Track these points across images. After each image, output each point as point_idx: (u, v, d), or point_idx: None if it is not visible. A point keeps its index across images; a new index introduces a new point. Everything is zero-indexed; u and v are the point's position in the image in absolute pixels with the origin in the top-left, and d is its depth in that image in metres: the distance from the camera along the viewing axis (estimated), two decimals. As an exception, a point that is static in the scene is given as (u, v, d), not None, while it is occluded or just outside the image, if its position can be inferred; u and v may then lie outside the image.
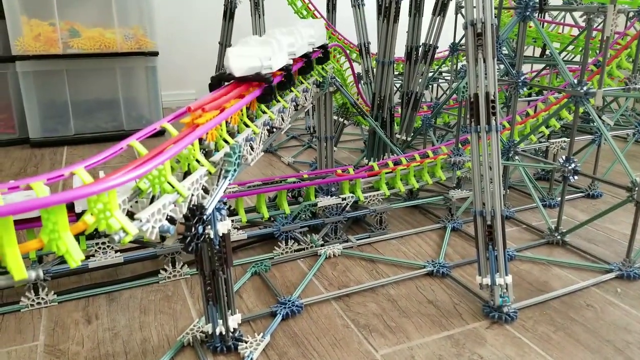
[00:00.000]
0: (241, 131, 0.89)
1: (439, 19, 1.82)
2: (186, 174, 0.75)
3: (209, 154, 0.78)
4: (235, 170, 0.77)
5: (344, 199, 1.28)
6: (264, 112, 0.97)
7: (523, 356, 0.88)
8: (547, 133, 1.59)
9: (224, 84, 0.85)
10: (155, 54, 2.31)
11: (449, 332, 0.94)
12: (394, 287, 1.09)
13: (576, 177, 1.26)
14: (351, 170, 1.38)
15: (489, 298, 1.01)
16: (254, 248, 1.26)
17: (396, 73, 2.60)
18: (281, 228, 1.21)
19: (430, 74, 2.48)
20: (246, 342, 0.88)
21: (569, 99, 1.28)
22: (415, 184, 1.43)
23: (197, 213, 0.68)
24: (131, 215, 0.61)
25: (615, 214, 1.40)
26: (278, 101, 1.04)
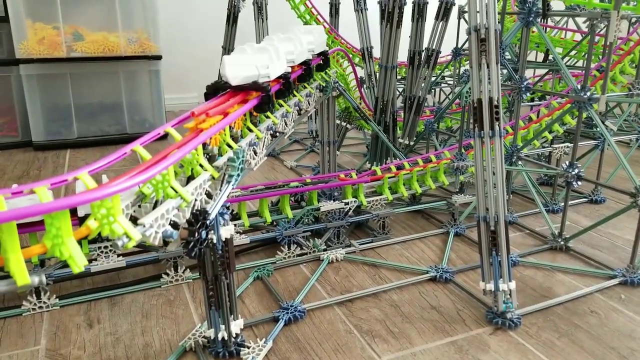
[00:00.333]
0: (245, 136, 0.89)
1: (441, 23, 1.83)
2: (190, 178, 0.74)
3: (212, 159, 0.78)
4: (238, 175, 0.77)
5: (346, 203, 1.27)
6: (267, 117, 0.98)
7: (527, 363, 0.88)
8: (550, 138, 1.59)
9: (220, 93, 0.84)
10: (159, 57, 2.32)
11: (452, 338, 0.93)
12: (397, 292, 1.09)
13: (580, 183, 1.25)
14: (354, 174, 1.38)
15: (492, 304, 1.01)
16: (257, 252, 1.25)
17: (399, 77, 2.60)
18: (284, 232, 1.21)
19: (433, 79, 2.49)
20: (248, 348, 0.87)
21: (572, 105, 1.27)
22: (418, 189, 1.43)
23: (200, 218, 0.68)
24: (134, 220, 0.61)
25: (618, 220, 1.39)
26: (281, 105, 1.04)
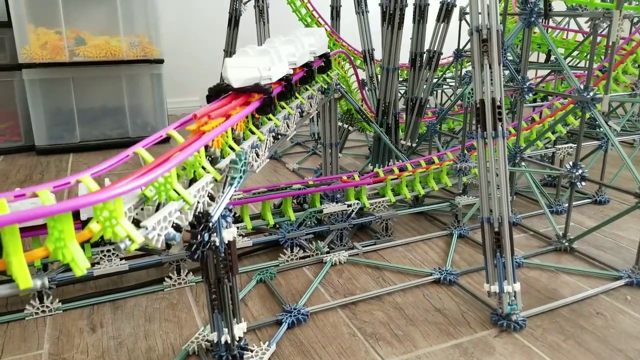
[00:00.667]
0: (247, 138, 0.88)
1: (443, 25, 1.83)
2: (192, 181, 0.74)
3: (214, 161, 0.77)
4: (241, 177, 0.76)
5: (349, 205, 1.27)
6: (269, 119, 0.97)
7: (532, 365, 0.87)
8: (554, 139, 1.58)
9: (222, 95, 0.84)
10: (161, 61, 2.32)
11: (457, 341, 0.93)
12: (401, 294, 1.08)
13: (584, 184, 1.25)
14: (356, 176, 1.38)
15: (497, 306, 1.00)
16: (259, 255, 1.25)
17: (400, 79, 2.60)
18: (286, 235, 1.20)
19: (435, 80, 2.48)
20: (252, 351, 0.87)
21: (575, 105, 1.27)
22: (421, 191, 1.42)
23: (202, 220, 0.67)
24: (137, 223, 0.61)
25: (623, 221, 1.39)
26: (283, 107, 1.03)
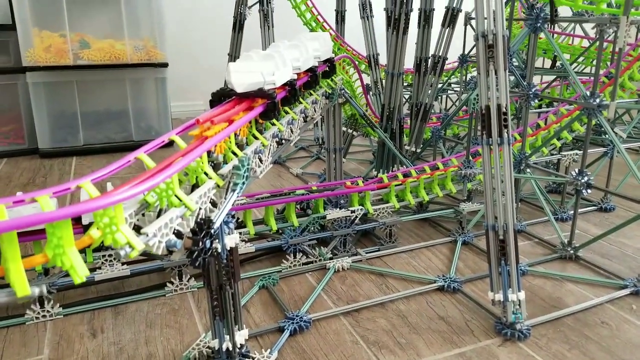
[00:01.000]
0: (250, 143, 0.88)
1: (448, 30, 1.82)
2: (194, 186, 0.74)
3: (217, 167, 0.77)
4: (243, 183, 0.76)
5: (353, 211, 1.26)
6: (273, 124, 0.97)
7: (537, 375, 0.86)
8: (559, 145, 1.57)
9: (225, 100, 0.84)
10: (165, 65, 2.32)
11: (461, 350, 0.92)
12: (404, 302, 1.07)
13: (589, 191, 1.24)
14: (360, 182, 1.37)
15: (501, 314, 0.99)
16: (262, 261, 1.24)
17: (405, 84, 2.59)
18: (289, 241, 1.20)
19: (440, 86, 2.48)
20: (253, 359, 0.86)
21: (582, 111, 1.26)
22: (425, 197, 1.41)
23: (204, 227, 0.67)
24: (138, 229, 0.60)
25: (629, 228, 1.37)
26: (287, 112, 1.03)
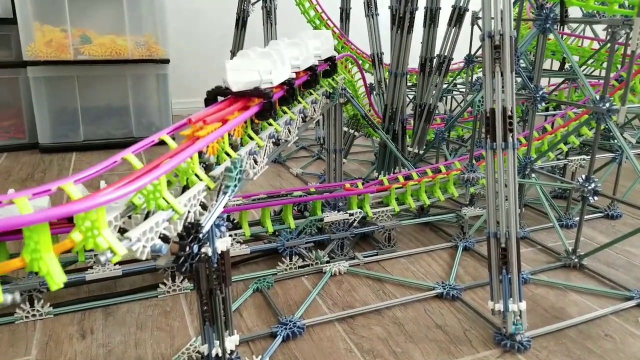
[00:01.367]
0: (245, 144, 0.85)
1: (454, 30, 1.79)
2: (185, 188, 0.71)
3: (209, 168, 0.74)
4: (235, 186, 0.73)
5: (351, 214, 1.23)
6: (269, 124, 0.94)
7: (537, 390, 0.83)
8: (566, 150, 1.54)
9: (221, 98, 0.81)
10: (167, 61, 2.30)
11: (459, 361, 0.89)
12: (401, 309, 1.04)
13: (596, 198, 1.20)
14: (360, 184, 1.34)
15: (501, 325, 0.96)
16: (257, 263, 1.22)
17: (409, 84, 2.56)
18: (285, 243, 1.17)
19: (445, 86, 2.44)
20: (244, 365, 0.84)
21: (590, 116, 1.22)
22: (427, 200, 1.38)
23: (192, 231, 0.64)
24: (124, 232, 0.58)
25: (636, 237, 1.33)
26: (285, 112, 1.00)
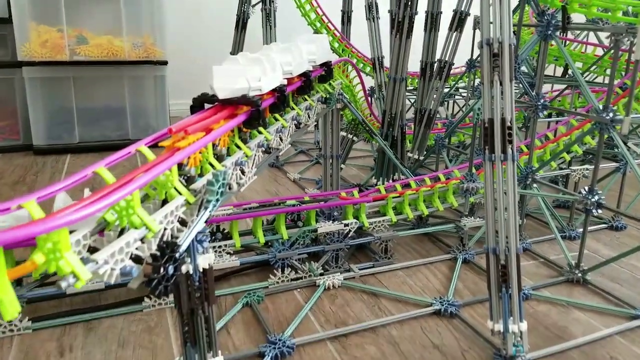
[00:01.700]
0: (232, 153, 0.81)
1: (455, 34, 1.74)
2: (164, 202, 0.67)
3: (190, 180, 0.70)
4: (217, 200, 0.69)
5: (346, 225, 1.19)
6: (259, 132, 0.90)
7: (537, 417, 0.78)
8: (569, 159, 1.49)
9: (207, 105, 0.77)
10: (164, 63, 2.27)
11: (455, 384, 0.85)
12: (397, 327, 1.00)
13: (600, 211, 1.16)
14: (356, 193, 1.30)
15: (501, 345, 0.91)
16: (248, 275, 1.18)
17: (410, 88, 2.52)
18: (277, 255, 1.13)
19: (447, 90, 2.40)
20: (228, 387, 0.80)
21: (594, 125, 1.18)
22: (425, 210, 1.34)
23: (167, 251, 0.60)
24: (95, 251, 0.54)
25: (641, 250, 1.29)
26: (276, 120, 0.96)
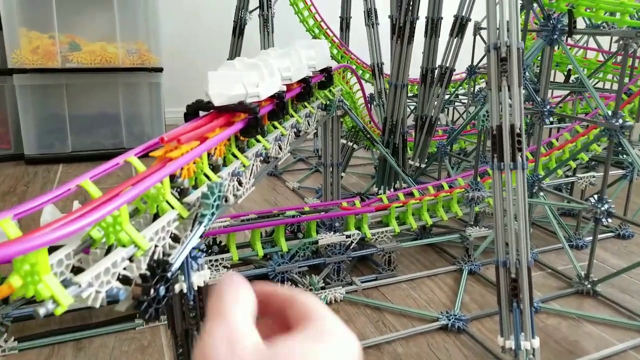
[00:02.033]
0: (229, 163, 0.77)
1: (456, 40, 1.71)
2: (156, 216, 0.63)
3: (184, 193, 0.66)
4: (213, 214, 0.64)
5: (348, 236, 1.15)
6: (257, 141, 0.86)
7: None
8: (574, 166, 1.45)
9: (203, 113, 0.73)
10: (160, 69, 2.22)
11: (465, 406, 0.80)
12: (403, 343, 0.95)
13: (610, 220, 1.12)
14: (357, 203, 1.26)
15: (511, 363, 0.87)
16: (246, 289, 1.13)
17: (410, 95, 2.48)
18: (277, 268, 1.08)
19: (447, 97, 2.37)
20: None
21: (602, 132, 1.14)
22: (429, 220, 1.29)
23: (158, 270, 0.55)
24: (80, 272, 0.49)
25: (652, 260, 1.25)
26: (275, 127, 0.92)
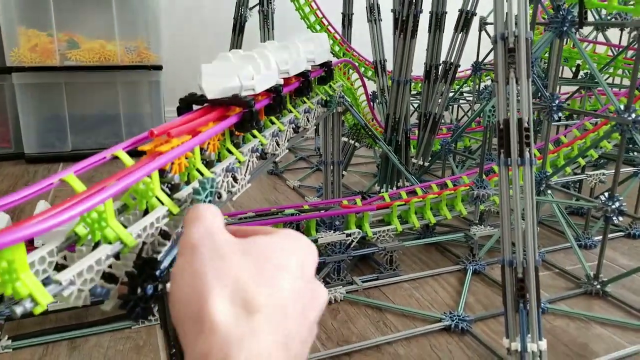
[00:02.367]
0: (223, 159, 0.74)
1: (461, 35, 1.68)
2: (146, 213, 0.60)
3: (175, 189, 0.63)
4: (205, 210, 0.62)
5: (349, 235, 1.12)
6: (254, 136, 0.83)
7: None
8: (584, 164, 1.41)
9: (196, 107, 0.70)
10: (159, 67, 2.20)
11: (470, 410, 0.77)
12: (404, 344, 0.92)
13: (621, 218, 1.08)
14: (359, 201, 1.23)
15: (518, 366, 0.84)
16: (245, 288, 1.10)
17: (414, 92, 2.45)
18: (275, 267, 1.05)
19: (451, 94, 2.33)
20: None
21: (614, 127, 1.11)
22: (432, 219, 1.26)
23: (145, 268, 0.53)
24: (63, 269, 0.47)
25: (663, 260, 1.22)
26: (272, 123, 0.89)
